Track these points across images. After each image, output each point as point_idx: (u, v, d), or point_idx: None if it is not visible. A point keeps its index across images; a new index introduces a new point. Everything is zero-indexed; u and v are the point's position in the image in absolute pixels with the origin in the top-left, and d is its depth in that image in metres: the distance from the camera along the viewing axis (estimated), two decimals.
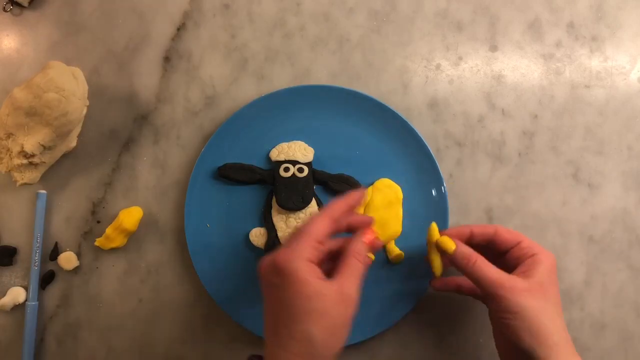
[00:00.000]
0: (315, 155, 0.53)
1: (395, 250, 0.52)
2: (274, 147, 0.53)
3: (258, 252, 0.52)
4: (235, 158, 0.53)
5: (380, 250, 0.52)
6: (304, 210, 0.52)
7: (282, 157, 0.52)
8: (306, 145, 0.53)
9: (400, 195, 0.52)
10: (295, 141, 0.53)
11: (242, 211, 0.53)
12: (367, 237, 0.43)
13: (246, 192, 0.53)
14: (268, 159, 0.53)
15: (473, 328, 0.54)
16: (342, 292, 0.38)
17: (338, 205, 0.42)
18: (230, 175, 0.52)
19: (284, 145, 0.53)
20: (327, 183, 0.52)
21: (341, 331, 0.38)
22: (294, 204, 0.51)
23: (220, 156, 0.52)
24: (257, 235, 0.52)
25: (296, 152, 0.52)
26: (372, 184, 0.53)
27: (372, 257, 0.47)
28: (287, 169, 0.52)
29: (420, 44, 0.57)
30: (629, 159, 0.56)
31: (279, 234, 0.52)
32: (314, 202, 0.52)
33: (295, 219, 0.52)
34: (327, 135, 0.53)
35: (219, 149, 0.53)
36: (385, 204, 0.52)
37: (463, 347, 0.54)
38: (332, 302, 0.37)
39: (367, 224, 0.44)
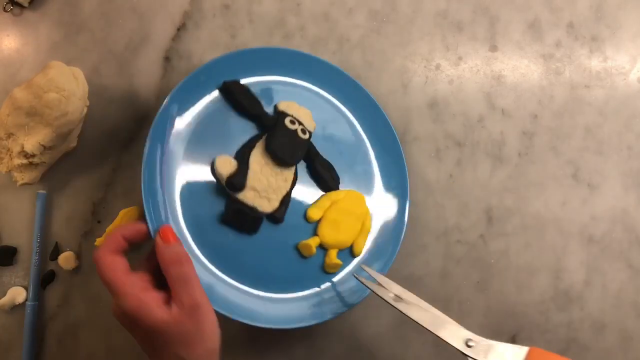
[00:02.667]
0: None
1: (334, 258, 0.50)
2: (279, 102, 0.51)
3: (214, 186, 0.48)
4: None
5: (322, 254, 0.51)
6: (282, 170, 0.49)
7: (290, 112, 0.51)
8: (312, 116, 0.52)
9: (365, 217, 0.52)
10: (304, 107, 0.52)
11: (216, 138, 0.49)
12: (164, 237, 0.41)
13: (231, 121, 0.50)
14: (274, 109, 0.51)
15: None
16: (183, 309, 0.38)
17: (113, 238, 0.41)
18: (235, 93, 0.49)
19: (295, 104, 0.51)
20: (314, 162, 0.51)
21: (203, 339, 0.38)
22: (284, 155, 0.48)
23: (216, 79, 0.50)
24: (226, 164, 0.47)
25: (303, 116, 0.51)
26: (350, 190, 0.52)
27: (314, 251, 0.49)
28: (293, 122, 0.50)
29: (420, 44, 0.57)
30: (629, 159, 0.56)
31: (250, 174, 0.48)
32: (292, 170, 0.50)
33: (271, 171, 0.49)
34: (323, 120, 0.53)
35: (216, 74, 0.49)
36: (350, 212, 0.51)
37: None
38: (178, 324, 0.37)
39: (140, 230, 0.42)
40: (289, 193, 0.50)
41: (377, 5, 0.57)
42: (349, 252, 0.51)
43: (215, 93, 0.50)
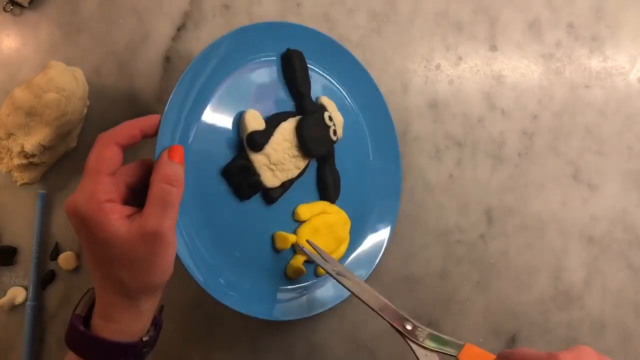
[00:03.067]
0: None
1: (299, 263, 0.49)
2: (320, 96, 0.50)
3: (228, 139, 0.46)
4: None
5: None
6: (298, 156, 0.48)
7: (330, 109, 0.50)
8: (342, 126, 0.51)
9: (343, 244, 0.51)
10: (340, 114, 0.51)
11: (255, 96, 0.47)
12: (172, 153, 0.38)
13: (274, 89, 0.48)
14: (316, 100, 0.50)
15: (472, 329, 0.54)
16: (144, 231, 0.34)
17: (126, 128, 0.37)
18: (294, 62, 0.48)
19: (335, 107, 0.50)
20: (327, 164, 0.50)
21: (151, 268, 0.35)
22: (311, 143, 0.47)
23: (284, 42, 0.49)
24: (255, 119, 0.46)
25: (337, 120, 0.50)
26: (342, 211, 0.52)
27: (288, 246, 0.48)
28: (330, 119, 0.49)
29: (420, 44, 0.57)
30: (629, 159, 0.56)
31: (271, 140, 0.46)
32: (306, 163, 0.49)
33: (287, 153, 0.47)
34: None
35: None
36: (334, 229, 0.50)
37: None
38: (130, 244, 0.34)
39: (154, 123, 0.38)
40: (292, 180, 0.49)
41: (377, 5, 0.57)
42: (313, 271, 0.51)
43: (272, 55, 0.48)
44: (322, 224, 0.50)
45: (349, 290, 0.43)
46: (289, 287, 0.50)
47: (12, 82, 0.55)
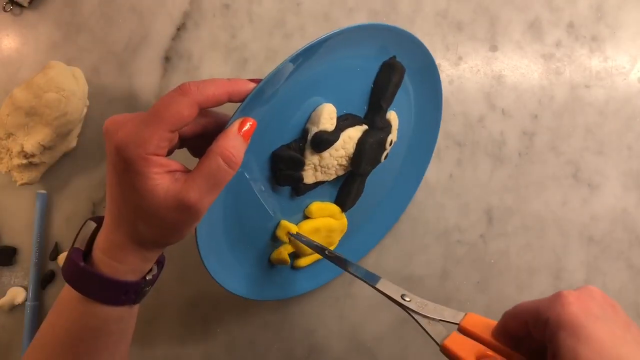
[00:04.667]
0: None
1: (285, 253, 0.48)
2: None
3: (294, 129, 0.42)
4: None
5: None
6: (343, 166, 0.46)
7: (394, 132, 0.48)
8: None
9: (332, 242, 0.51)
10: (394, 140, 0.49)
11: (335, 88, 0.43)
12: (243, 127, 0.35)
13: (357, 89, 0.45)
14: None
15: None
16: (182, 200, 0.32)
17: (214, 90, 0.34)
18: (394, 74, 0.44)
19: (397, 126, 0.48)
20: (357, 178, 0.48)
21: (172, 233, 0.34)
22: (365, 162, 0.46)
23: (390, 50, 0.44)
24: (330, 117, 0.42)
25: (393, 142, 0.48)
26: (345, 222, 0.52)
27: (287, 236, 0.47)
28: (391, 143, 0.48)
29: None
30: (629, 159, 0.56)
31: (337, 144, 0.43)
32: (344, 172, 0.47)
33: (336, 159, 0.45)
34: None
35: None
36: (329, 234, 0.50)
37: None
38: (163, 207, 0.32)
39: (247, 92, 0.35)
40: (323, 182, 0.47)
41: (377, 5, 0.57)
42: (291, 264, 0.50)
43: (372, 54, 0.44)
44: (324, 226, 0.50)
45: (344, 269, 0.43)
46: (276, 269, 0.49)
47: (12, 82, 0.55)
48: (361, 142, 0.45)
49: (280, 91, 0.39)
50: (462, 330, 0.36)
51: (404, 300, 0.40)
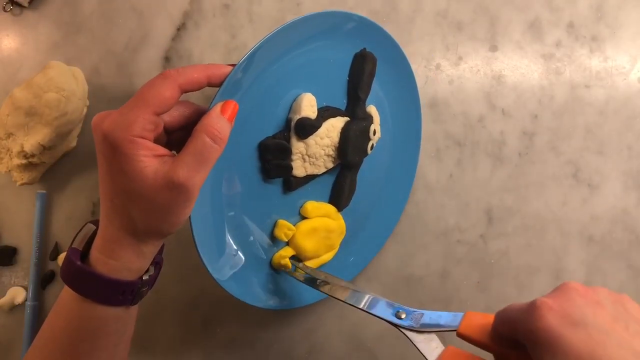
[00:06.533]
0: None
1: (285, 256, 0.48)
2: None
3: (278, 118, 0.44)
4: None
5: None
6: (330, 157, 0.47)
7: (376, 122, 0.49)
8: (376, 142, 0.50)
9: (331, 253, 0.51)
10: (380, 131, 0.50)
11: (313, 80, 0.45)
12: (226, 109, 0.36)
13: (334, 81, 0.47)
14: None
15: None
16: (170, 178, 0.32)
17: (193, 73, 0.35)
18: (366, 63, 0.47)
19: (379, 120, 0.49)
20: (349, 172, 0.49)
21: (165, 216, 0.34)
22: (351, 150, 0.46)
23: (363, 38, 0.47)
24: (311, 104, 0.44)
25: (377, 133, 0.49)
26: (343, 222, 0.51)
27: (284, 239, 0.47)
28: (374, 134, 0.49)
29: (420, 44, 0.57)
30: (629, 159, 0.56)
31: (316, 133, 0.45)
32: (334, 164, 0.48)
33: (323, 149, 0.46)
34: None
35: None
36: (328, 235, 0.50)
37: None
38: (153, 187, 0.32)
39: (224, 75, 0.36)
40: (315, 176, 0.48)
41: (377, 5, 0.57)
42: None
43: (341, 45, 0.46)
44: (321, 227, 0.49)
45: (338, 299, 0.42)
46: (275, 274, 0.49)
47: (12, 82, 0.55)
48: (345, 130, 0.46)
49: (259, 83, 0.41)
50: (461, 336, 0.36)
51: (398, 318, 0.39)
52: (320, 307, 0.54)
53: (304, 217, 0.49)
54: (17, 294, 0.52)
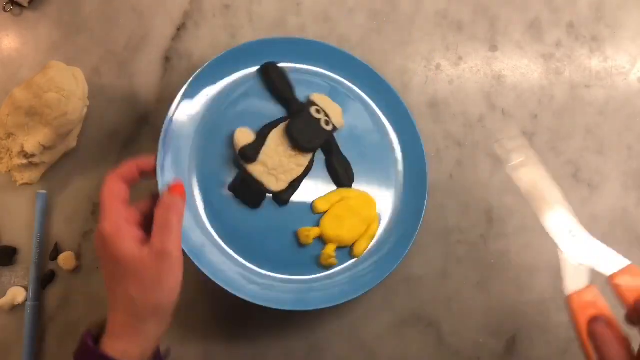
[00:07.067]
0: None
1: (331, 252, 0.50)
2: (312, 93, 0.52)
3: (230, 157, 0.50)
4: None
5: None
6: (297, 154, 0.50)
7: (320, 103, 0.52)
8: (342, 114, 0.52)
9: (373, 222, 0.52)
10: (337, 104, 0.53)
11: (242, 114, 0.51)
12: (173, 188, 0.44)
13: (260, 100, 0.52)
14: (305, 99, 0.52)
15: (475, 327, 0.54)
16: (151, 250, 0.39)
17: (128, 167, 0.43)
18: (272, 75, 0.51)
19: (328, 99, 0.52)
20: (332, 155, 0.52)
21: (158, 285, 0.39)
22: (301, 138, 0.50)
23: (251, 59, 0.52)
24: (244, 135, 0.49)
25: (333, 110, 0.52)
26: (363, 192, 0.52)
27: (310, 241, 0.50)
28: (318, 111, 0.51)
29: (420, 44, 0.57)
30: (629, 159, 0.56)
31: (264, 149, 0.49)
32: (308, 158, 0.51)
33: (285, 152, 0.50)
34: (349, 110, 0.53)
35: (254, 54, 0.51)
36: (357, 212, 0.51)
37: (463, 347, 0.54)
38: (142, 263, 0.39)
39: (149, 165, 0.45)
40: (299, 178, 0.51)
41: (377, 5, 0.57)
42: (349, 252, 0.51)
43: (253, 71, 0.52)
44: (343, 210, 0.51)
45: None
46: (316, 275, 0.51)
47: (12, 82, 0.55)
48: (287, 129, 0.50)
49: (200, 144, 0.49)
50: (611, 285, 0.37)
51: (572, 236, 0.40)
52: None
53: (323, 213, 0.51)
54: (17, 294, 0.52)
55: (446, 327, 0.54)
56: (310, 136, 0.50)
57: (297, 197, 0.51)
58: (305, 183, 0.51)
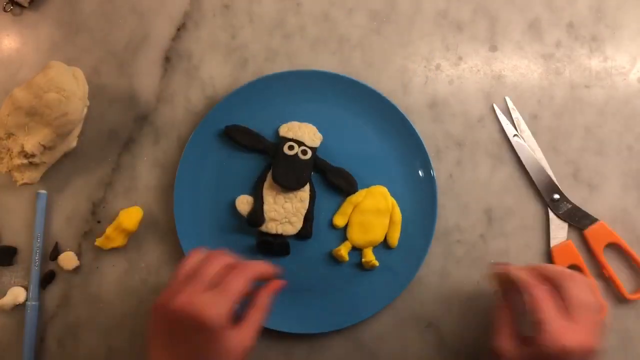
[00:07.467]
0: (322, 143, 0.53)
1: (370, 257, 0.52)
2: (284, 123, 0.53)
3: (243, 222, 0.52)
4: (242, 124, 0.53)
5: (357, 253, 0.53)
6: (295, 193, 0.52)
7: (290, 135, 0.52)
8: (316, 130, 0.53)
9: (392, 208, 0.53)
10: (307, 123, 0.53)
11: (236, 178, 0.53)
12: (273, 288, 0.46)
13: (245, 159, 0.53)
14: (276, 134, 0.53)
15: (475, 328, 0.54)
16: (243, 342, 0.41)
17: (259, 272, 0.44)
18: (235, 136, 0.52)
19: (295, 124, 0.53)
20: (326, 173, 0.53)
21: None
22: (288, 183, 0.51)
23: (226, 120, 0.53)
24: (244, 203, 0.52)
25: (305, 134, 0.52)
26: (368, 186, 0.53)
27: (347, 258, 0.51)
28: (291, 147, 0.52)
29: (420, 44, 0.57)
30: (629, 159, 0.56)
31: (265, 207, 0.51)
32: (307, 187, 0.52)
33: (284, 197, 0.52)
34: (335, 126, 0.54)
35: (227, 114, 0.53)
36: (374, 210, 0.52)
37: (463, 347, 0.54)
38: (236, 353, 0.41)
39: (272, 274, 0.46)
40: (310, 210, 0.52)
41: (377, 5, 0.57)
42: (383, 246, 0.53)
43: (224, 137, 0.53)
44: (361, 216, 0.52)
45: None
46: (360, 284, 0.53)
47: (12, 82, 0.55)
48: (273, 178, 0.51)
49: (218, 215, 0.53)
50: (584, 238, 0.53)
51: (552, 198, 0.52)
52: None
53: (345, 227, 0.53)
54: (17, 294, 0.52)
55: (446, 327, 0.54)
56: (295, 175, 0.51)
57: (316, 222, 0.53)
58: (318, 206, 0.53)
